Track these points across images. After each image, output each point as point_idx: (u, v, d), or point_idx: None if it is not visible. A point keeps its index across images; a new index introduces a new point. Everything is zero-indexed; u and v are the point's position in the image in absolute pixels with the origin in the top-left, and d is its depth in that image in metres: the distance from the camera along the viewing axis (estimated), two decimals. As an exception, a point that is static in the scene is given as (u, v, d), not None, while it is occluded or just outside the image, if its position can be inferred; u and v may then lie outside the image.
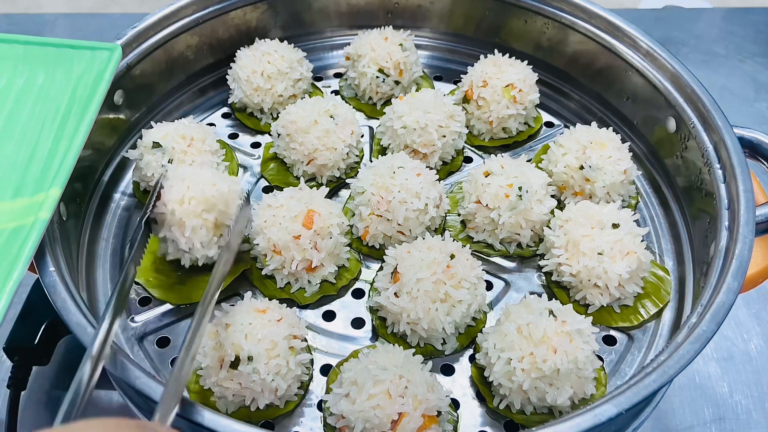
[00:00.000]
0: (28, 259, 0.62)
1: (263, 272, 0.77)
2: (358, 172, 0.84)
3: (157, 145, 0.82)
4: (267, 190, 0.90)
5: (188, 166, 0.78)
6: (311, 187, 0.80)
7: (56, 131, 0.72)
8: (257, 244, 0.76)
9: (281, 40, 0.97)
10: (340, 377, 0.64)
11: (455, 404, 0.69)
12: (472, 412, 0.69)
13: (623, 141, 0.87)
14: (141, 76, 0.92)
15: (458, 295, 0.69)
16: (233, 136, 0.98)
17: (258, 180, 0.91)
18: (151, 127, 0.86)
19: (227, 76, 0.97)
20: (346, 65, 1.01)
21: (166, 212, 0.69)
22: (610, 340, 0.75)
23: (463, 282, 0.70)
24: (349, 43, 1.01)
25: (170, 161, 0.82)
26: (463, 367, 0.72)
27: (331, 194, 0.89)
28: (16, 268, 0.61)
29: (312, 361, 0.72)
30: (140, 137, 0.85)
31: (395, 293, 0.70)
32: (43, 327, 0.81)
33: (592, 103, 1.01)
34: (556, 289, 0.78)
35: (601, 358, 0.73)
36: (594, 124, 0.88)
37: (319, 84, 1.05)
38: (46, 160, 0.70)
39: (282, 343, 0.65)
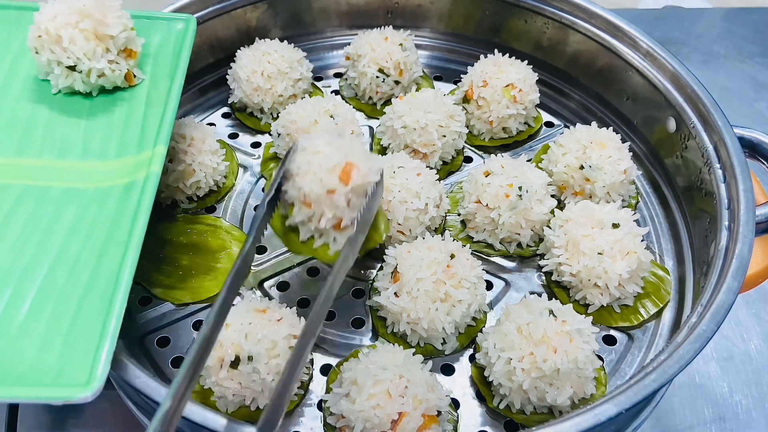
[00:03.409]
0: (149, 209, 0.64)
1: (287, 222, 0.69)
2: None
3: None
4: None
5: None
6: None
7: (147, 96, 0.76)
8: (285, 191, 0.68)
9: (281, 40, 0.97)
10: (340, 377, 0.64)
11: (455, 404, 0.69)
12: (472, 412, 0.69)
13: (623, 141, 0.87)
14: (141, 75, 0.92)
15: (458, 294, 0.69)
16: (233, 136, 0.98)
17: (258, 180, 0.91)
18: None
19: (227, 76, 0.97)
20: (346, 65, 1.01)
21: (41, 33, 0.71)
22: (610, 340, 0.75)
23: (463, 282, 0.70)
24: (349, 43, 1.01)
25: (170, 161, 0.82)
26: (463, 366, 0.72)
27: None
28: (139, 219, 0.63)
29: (312, 361, 0.72)
30: None
31: (395, 293, 0.70)
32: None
33: (592, 102, 1.01)
34: (556, 288, 0.79)
35: (601, 358, 0.73)
36: (594, 123, 0.88)
37: (319, 84, 1.05)
38: (143, 122, 0.73)
39: (282, 342, 0.64)
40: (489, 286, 0.80)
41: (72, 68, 0.74)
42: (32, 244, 0.63)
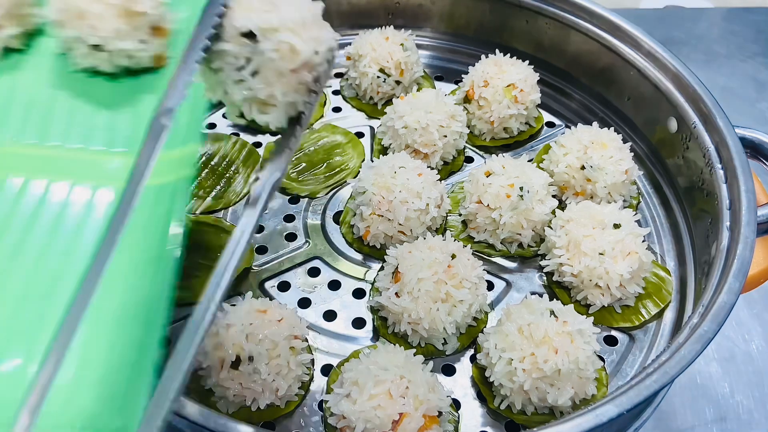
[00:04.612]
0: (183, 220, 0.56)
1: None
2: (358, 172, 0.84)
3: (253, 38, 0.63)
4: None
5: None
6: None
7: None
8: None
9: (282, 40, 0.97)
10: (341, 377, 0.64)
11: (456, 404, 0.69)
12: (473, 413, 0.69)
13: (624, 141, 0.86)
14: (142, 75, 0.92)
15: (459, 295, 0.69)
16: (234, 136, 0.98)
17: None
18: None
19: (228, 76, 0.97)
20: (347, 65, 1.01)
21: (65, 7, 0.63)
22: (611, 341, 0.75)
23: (464, 282, 0.70)
24: (350, 43, 1.01)
25: (254, 73, 0.62)
26: (464, 367, 0.72)
27: (332, 194, 0.89)
28: (174, 231, 0.55)
29: (313, 361, 0.72)
30: None
31: (396, 293, 0.70)
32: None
33: (593, 103, 1.01)
34: (557, 289, 0.78)
35: (602, 359, 0.73)
36: (595, 124, 0.88)
37: (320, 84, 1.05)
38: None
39: (283, 343, 0.65)
40: (490, 286, 0.80)
41: (97, 47, 0.65)
42: (57, 254, 0.54)
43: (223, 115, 1.00)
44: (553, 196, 0.83)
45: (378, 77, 0.97)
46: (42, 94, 0.65)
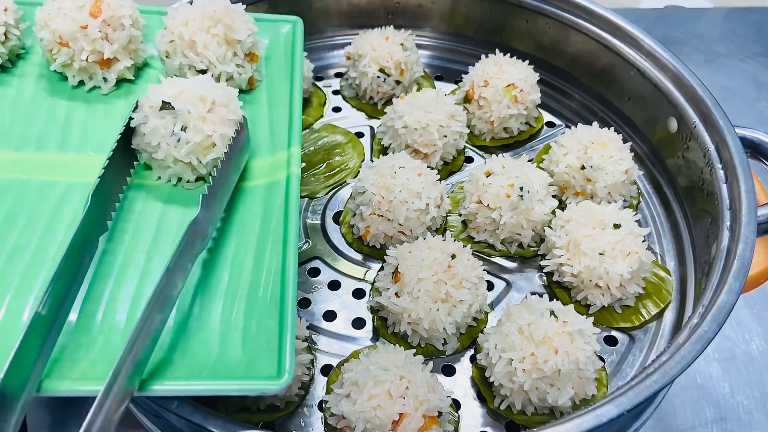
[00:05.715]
0: (297, 208, 0.65)
1: (51, 68, 0.75)
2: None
3: (167, 106, 0.66)
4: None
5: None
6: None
7: (267, 99, 0.77)
8: (42, 39, 0.73)
9: (282, 40, 0.97)
10: (340, 377, 0.64)
11: (456, 405, 0.69)
12: (473, 413, 0.69)
13: (625, 141, 0.86)
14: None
15: (459, 295, 0.69)
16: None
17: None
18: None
19: (228, 76, 0.97)
20: (347, 65, 1.01)
21: (174, 38, 0.73)
22: (611, 341, 0.75)
23: (464, 282, 0.70)
24: (349, 43, 1.01)
25: (184, 128, 0.66)
26: (464, 367, 0.72)
27: (331, 194, 0.89)
28: (291, 218, 0.65)
29: (313, 362, 0.72)
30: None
31: (396, 293, 0.70)
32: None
33: (593, 103, 1.00)
34: (557, 289, 0.78)
35: (602, 359, 0.73)
36: (595, 124, 0.88)
37: (319, 83, 1.05)
38: (270, 124, 0.75)
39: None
40: (490, 286, 0.80)
41: (202, 72, 0.74)
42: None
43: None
44: (553, 196, 0.83)
45: (378, 77, 0.97)
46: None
